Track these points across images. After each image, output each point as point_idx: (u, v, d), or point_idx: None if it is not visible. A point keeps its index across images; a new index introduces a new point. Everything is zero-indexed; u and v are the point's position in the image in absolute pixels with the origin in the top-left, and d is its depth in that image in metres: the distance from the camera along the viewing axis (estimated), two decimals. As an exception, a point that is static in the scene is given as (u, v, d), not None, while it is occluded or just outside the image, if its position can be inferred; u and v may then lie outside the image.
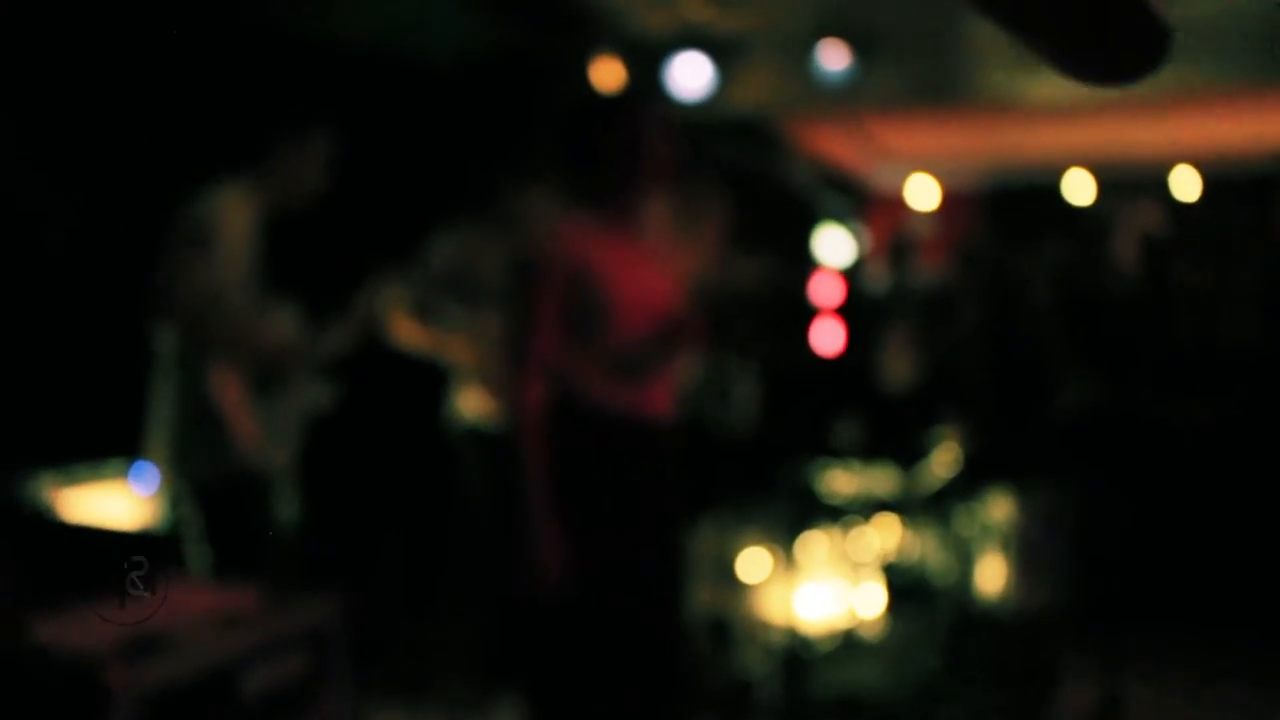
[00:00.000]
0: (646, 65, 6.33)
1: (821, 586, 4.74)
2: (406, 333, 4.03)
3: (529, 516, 2.51)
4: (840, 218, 11.64)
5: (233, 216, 3.09)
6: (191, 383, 3.05)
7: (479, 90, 5.46)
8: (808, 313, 7.12)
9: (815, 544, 4.80)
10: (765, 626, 4.41)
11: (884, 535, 4.88)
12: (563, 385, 2.60)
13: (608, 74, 6.00)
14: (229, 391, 3.06)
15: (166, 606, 2.39)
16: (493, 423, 3.94)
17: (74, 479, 3.32)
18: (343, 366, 3.48)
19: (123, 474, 3.41)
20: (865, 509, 4.86)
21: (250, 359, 3.13)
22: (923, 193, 11.16)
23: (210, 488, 3.06)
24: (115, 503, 3.36)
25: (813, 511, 4.92)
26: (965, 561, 4.78)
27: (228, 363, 3.08)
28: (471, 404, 4.02)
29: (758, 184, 8.12)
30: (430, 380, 4.18)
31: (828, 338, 7.54)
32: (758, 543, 4.65)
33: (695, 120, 6.56)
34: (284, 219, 3.31)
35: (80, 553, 2.52)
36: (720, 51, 6.23)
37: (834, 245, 11.07)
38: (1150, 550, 5.08)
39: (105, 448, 3.40)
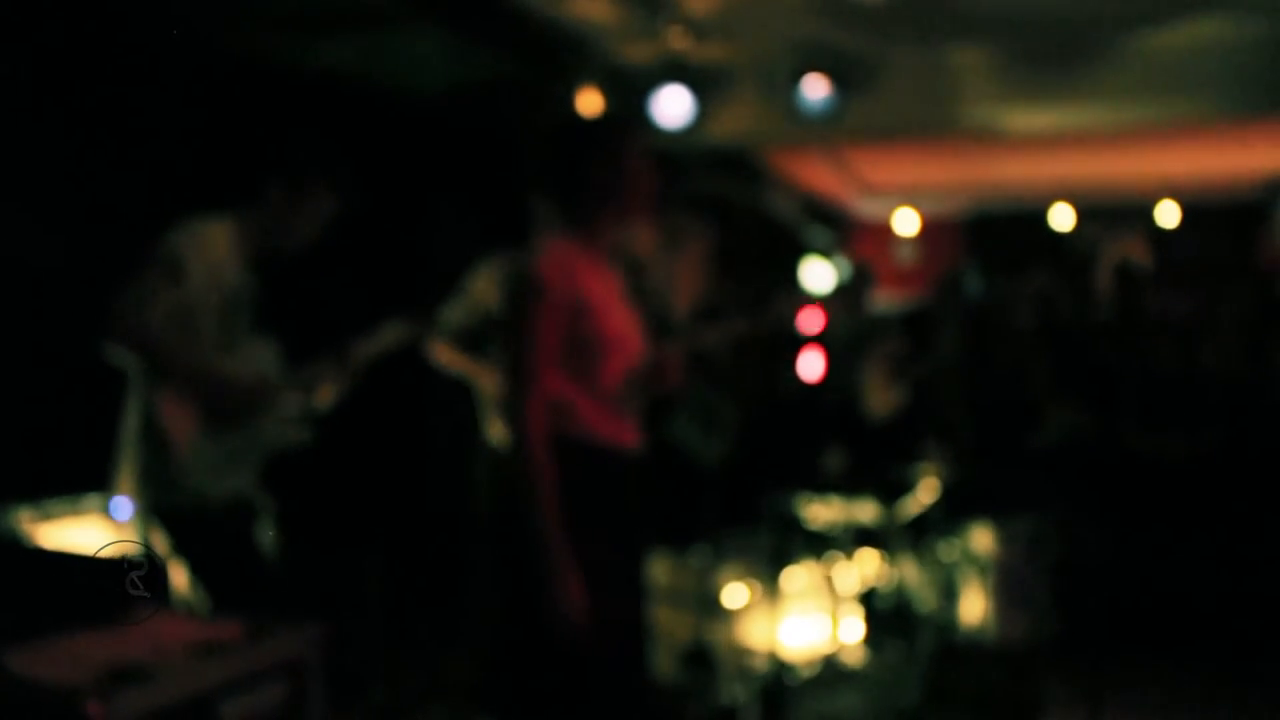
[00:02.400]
0: (630, 96, 6.37)
1: (804, 616, 4.73)
2: (445, 356, 4.05)
3: (546, 552, 2.47)
4: (824, 249, 11.69)
5: (208, 250, 3.06)
6: (149, 411, 3.02)
7: (466, 121, 5.48)
8: (791, 343, 7.14)
9: (797, 574, 4.80)
10: (748, 655, 4.40)
11: (866, 565, 4.88)
12: (559, 417, 2.58)
13: (592, 105, 6.03)
14: (179, 421, 3.04)
15: (145, 637, 2.38)
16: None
17: (50, 512, 3.30)
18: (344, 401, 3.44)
19: (100, 506, 3.39)
20: (847, 539, 4.86)
21: (212, 392, 3.08)
22: (906, 223, 11.20)
23: (175, 516, 3.04)
24: (93, 535, 3.34)
25: (795, 542, 4.92)
26: (947, 591, 4.79)
27: (184, 393, 3.04)
28: (496, 432, 4.04)
29: (742, 215, 8.15)
30: (435, 407, 4.17)
31: (811, 367, 7.56)
32: (740, 573, 4.65)
33: (679, 151, 6.60)
34: (283, 260, 3.27)
35: (58, 584, 2.50)
36: (703, 83, 6.26)
37: (818, 275, 11.12)
38: (1131, 579, 5.08)
39: (82, 480, 3.38)
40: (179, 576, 3.07)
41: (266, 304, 3.30)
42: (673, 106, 6.00)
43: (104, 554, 2.88)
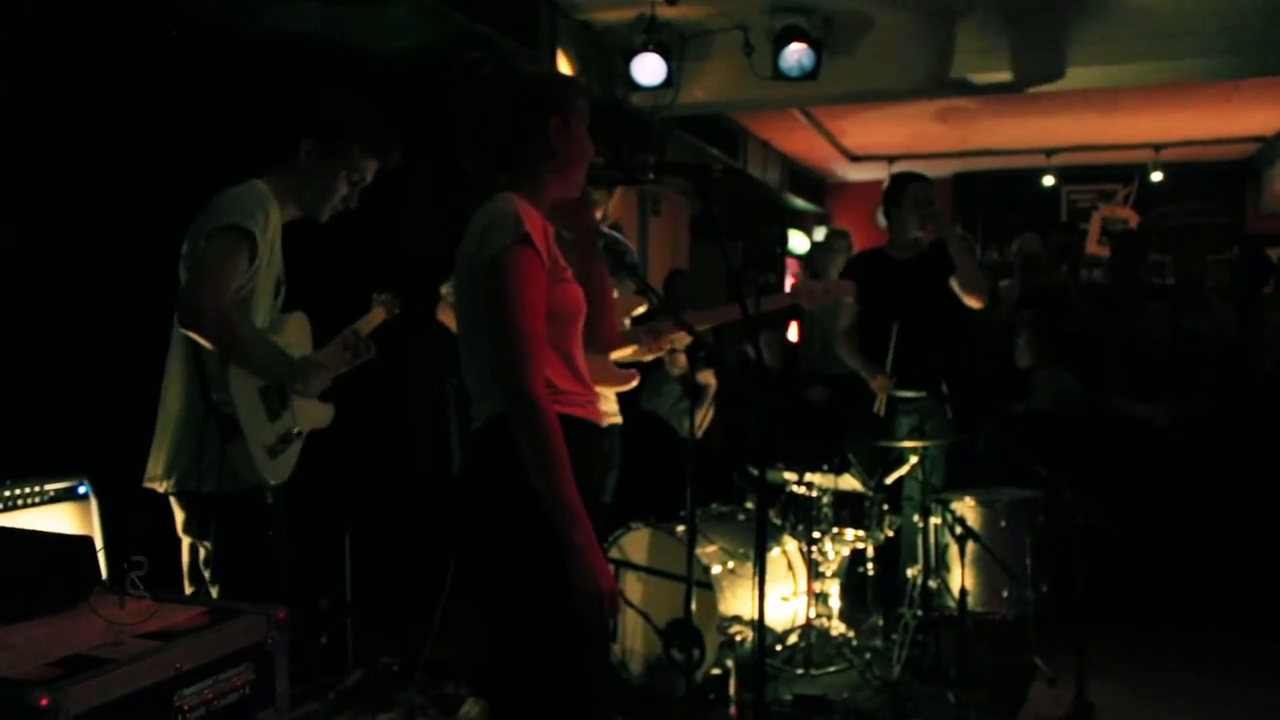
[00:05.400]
0: (608, 59, 6.28)
1: (789, 589, 4.69)
2: (448, 318, 3.97)
3: (575, 526, 2.31)
4: (805, 218, 11.63)
5: (269, 219, 2.86)
6: (214, 397, 2.82)
7: (436, 85, 5.38)
8: (780, 315, 7.07)
9: (783, 546, 4.75)
10: (732, 628, 4.35)
11: (852, 537, 4.83)
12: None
13: (568, 68, 5.95)
14: (248, 408, 2.84)
15: (104, 625, 2.32)
16: None
17: (15, 498, 3.20)
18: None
19: (66, 492, 3.29)
20: (833, 511, 4.81)
21: (265, 368, 2.90)
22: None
23: (224, 500, 2.85)
24: (58, 521, 3.24)
25: (781, 514, 4.87)
26: (934, 563, 4.74)
27: (247, 377, 2.86)
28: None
29: (728, 183, 8.07)
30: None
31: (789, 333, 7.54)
32: (725, 545, 4.59)
33: (659, 115, 6.52)
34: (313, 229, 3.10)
35: (12, 571, 2.43)
36: (682, 47, 6.18)
37: (796, 241, 11.10)
38: (1120, 550, 5.04)
39: (50, 465, 3.28)
40: (203, 559, 2.95)
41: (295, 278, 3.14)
42: (653, 72, 5.93)
43: (69, 541, 2.80)
